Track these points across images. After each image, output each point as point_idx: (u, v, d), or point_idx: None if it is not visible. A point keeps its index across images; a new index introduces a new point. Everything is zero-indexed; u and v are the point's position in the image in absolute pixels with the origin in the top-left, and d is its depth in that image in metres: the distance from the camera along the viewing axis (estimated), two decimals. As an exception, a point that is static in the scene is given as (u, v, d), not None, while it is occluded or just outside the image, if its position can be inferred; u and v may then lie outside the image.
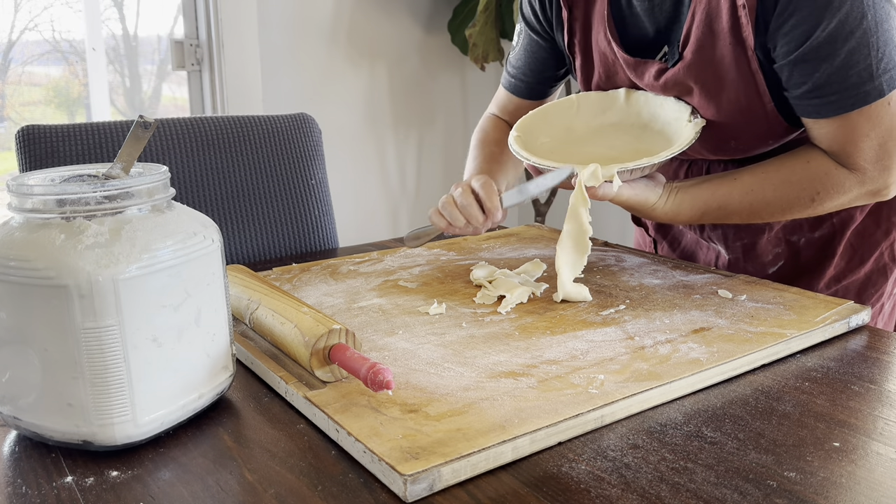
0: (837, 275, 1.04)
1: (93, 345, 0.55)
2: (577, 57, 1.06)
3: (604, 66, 1.03)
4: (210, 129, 1.24)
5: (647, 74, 0.97)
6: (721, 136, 0.95)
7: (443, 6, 2.48)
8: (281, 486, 0.53)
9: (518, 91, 1.16)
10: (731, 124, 0.93)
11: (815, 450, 0.57)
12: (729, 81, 0.90)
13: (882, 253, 1.03)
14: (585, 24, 1.03)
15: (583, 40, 1.04)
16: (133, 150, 0.61)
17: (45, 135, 1.12)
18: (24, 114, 2.10)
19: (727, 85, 0.90)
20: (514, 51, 1.16)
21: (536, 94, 1.16)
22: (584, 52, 1.05)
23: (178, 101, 2.29)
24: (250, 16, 2.11)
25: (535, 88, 1.15)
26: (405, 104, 2.51)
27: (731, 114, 0.92)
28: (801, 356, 0.74)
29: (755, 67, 0.88)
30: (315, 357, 0.65)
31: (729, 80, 0.90)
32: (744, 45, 0.87)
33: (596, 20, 1.01)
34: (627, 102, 1.00)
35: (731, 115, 0.92)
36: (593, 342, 0.74)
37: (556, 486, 0.53)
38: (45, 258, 0.54)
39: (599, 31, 1.01)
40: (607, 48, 1.00)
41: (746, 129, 0.93)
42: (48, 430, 0.58)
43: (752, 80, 0.89)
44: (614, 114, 1.02)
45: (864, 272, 1.04)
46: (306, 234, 1.29)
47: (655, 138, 0.97)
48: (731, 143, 0.96)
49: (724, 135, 0.95)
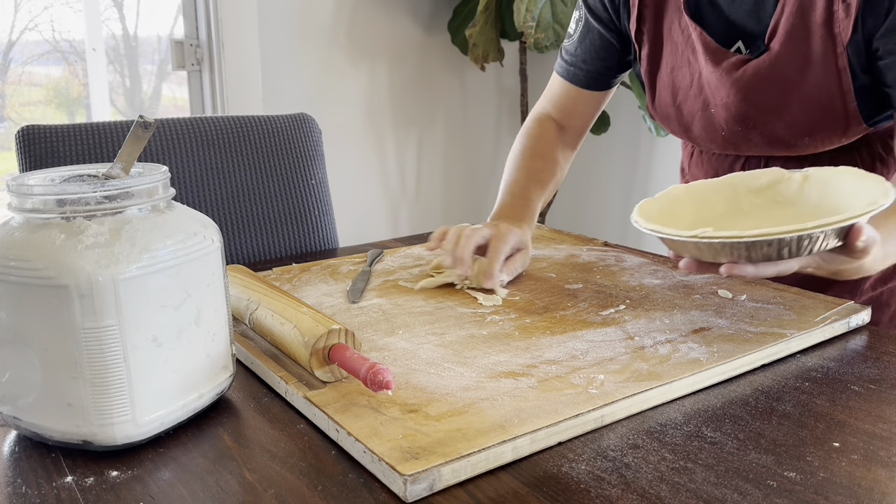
0: (884, 276, 1.02)
1: (93, 345, 0.55)
2: (646, 45, 1.04)
3: (673, 56, 1.01)
4: (210, 129, 1.24)
5: (726, 64, 0.95)
6: (796, 132, 0.94)
7: (443, 6, 2.47)
8: (281, 486, 0.53)
9: (577, 80, 1.12)
10: (807, 121, 0.92)
11: (815, 450, 0.57)
12: (813, 77, 0.89)
13: None
14: (657, 12, 1.02)
15: (653, 28, 1.02)
16: (133, 150, 0.61)
17: (45, 135, 1.12)
18: (24, 114, 2.09)
19: (811, 80, 0.90)
20: (570, 39, 1.12)
21: (598, 83, 1.12)
22: (653, 40, 1.03)
23: (178, 101, 2.29)
24: (250, 16, 2.11)
25: (596, 78, 1.11)
26: (405, 104, 2.51)
27: (810, 110, 0.92)
28: (801, 356, 0.74)
29: (843, 64, 0.88)
30: (315, 357, 0.65)
31: (813, 75, 0.89)
32: (835, 40, 0.87)
33: (670, 8, 1.00)
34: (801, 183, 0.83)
35: (810, 112, 0.92)
36: (593, 342, 0.74)
37: (556, 486, 0.53)
38: (45, 258, 0.54)
39: (674, 18, 0.99)
40: (681, 37, 0.99)
41: (822, 126, 0.93)
42: (48, 430, 0.58)
43: (838, 78, 0.89)
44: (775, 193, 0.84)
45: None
46: (306, 234, 1.29)
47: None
48: (804, 140, 0.95)
49: (800, 131, 0.94)
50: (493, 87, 2.67)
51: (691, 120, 1.04)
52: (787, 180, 0.82)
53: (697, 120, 1.03)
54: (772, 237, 0.66)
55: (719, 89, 0.98)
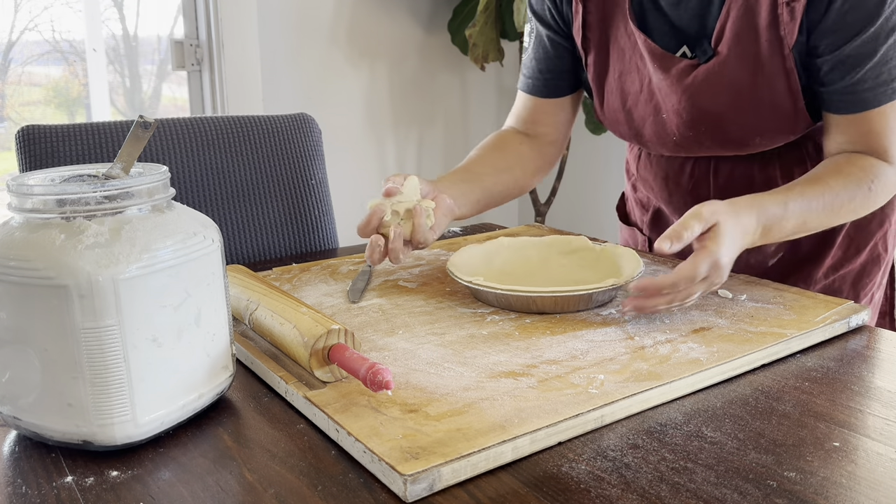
0: (835, 264, 1.05)
1: (93, 345, 0.55)
2: (592, 52, 1.04)
3: (621, 62, 1.01)
4: (210, 129, 1.24)
5: (675, 70, 0.95)
6: (748, 132, 0.95)
7: (443, 6, 2.48)
8: (281, 486, 0.53)
9: (537, 90, 1.11)
10: (759, 122, 0.93)
11: (815, 450, 0.57)
12: (762, 79, 0.90)
13: (876, 244, 1.06)
14: (602, 17, 1.01)
15: (598, 35, 1.02)
16: (133, 150, 0.61)
17: (45, 135, 1.12)
18: (24, 114, 2.10)
19: (760, 82, 0.90)
20: (526, 53, 1.13)
21: (558, 89, 1.10)
22: (598, 46, 1.03)
23: (178, 101, 2.29)
24: (250, 16, 2.11)
25: (555, 84, 1.10)
26: (405, 104, 2.51)
27: (761, 111, 0.92)
28: (801, 356, 0.74)
29: (790, 66, 0.89)
30: (314, 357, 0.65)
31: (763, 77, 0.90)
32: (781, 42, 0.88)
33: (617, 14, 1.00)
34: None
35: (761, 113, 0.93)
36: (593, 342, 0.74)
37: (556, 486, 0.53)
38: (45, 258, 0.54)
39: (620, 24, 0.99)
40: (627, 43, 0.99)
41: (773, 126, 0.94)
42: (48, 430, 0.58)
43: (786, 79, 0.90)
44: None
45: (860, 262, 1.06)
46: (306, 234, 1.29)
47: None
48: (756, 140, 0.96)
49: (751, 132, 0.95)
50: (493, 87, 2.67)
51: (642, 125, 1.04)
52: (589, 249, 0.96)
53: (649, 125, 1.03)
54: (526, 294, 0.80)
55: (670, 96, 0.98)
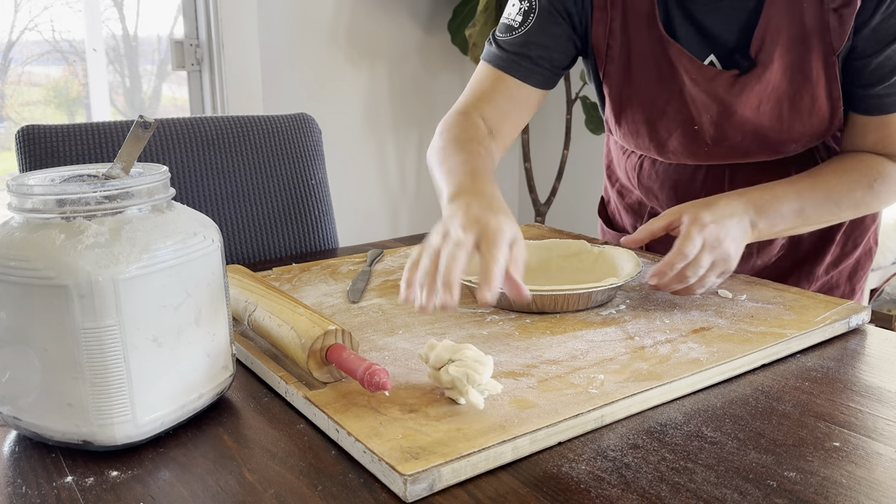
0: (835, 260, 1.06)
1: (93, 345, 0.55)
2: (614, 61, 0.98)
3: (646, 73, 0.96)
4: (210, 129, 1.24)
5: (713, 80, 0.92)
6: (785, 138, 0.94)
7: (443, 6, 2.48)
8: (281, 486, 0.53)
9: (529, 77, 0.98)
10: (797, 127, 0.93)
11: (815, 450, 0.57)
12: (806, 86, 0.90)
13: (869, 238, 1.07)
14: (623, 26, 0.96)
15: (620, 43, 0.96)
16: (133, 150, 0.61)
17: (45, 135, 1.12)
18: (24, 114, 2.10)
19: (804, 90, 0.90)
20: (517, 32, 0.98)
21: (546, 79, 1.00)
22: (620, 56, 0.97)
23: (178, 101, 2.29)
24: (250, 16, 2.11)
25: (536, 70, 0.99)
26: (405, 104, 2.51)
27: (801, 117, 0.92)
28: (801, 356, 0.74)
29: (834, 73, 0.88)
30: (312, 358, 0.64)
31: (807, 84, 0.90)
32: (829, 49, 0.87)
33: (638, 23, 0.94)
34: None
35: (801, 119, 0.92)
36: (593, 342, 0.74)
37: (556, 486, 0.53)
38: (45, 258, 0.54)
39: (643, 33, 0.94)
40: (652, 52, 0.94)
41: (810, 131, 0.93)
42: (48, 430, 0.58)
43: (829, 87, 0.89)
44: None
45: (856, 256, 1.07)
46: (306, 234, 1.29)
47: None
48: (791, 146, 0.96)
49: (788, 138, 0.94)
50: (493, 87, 2.67)
51: (667, 136, 1.00)
52: (587, 252, 0.96)
53: (676, 136, 0.99)
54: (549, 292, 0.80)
55: (709, 106, 0.95)
